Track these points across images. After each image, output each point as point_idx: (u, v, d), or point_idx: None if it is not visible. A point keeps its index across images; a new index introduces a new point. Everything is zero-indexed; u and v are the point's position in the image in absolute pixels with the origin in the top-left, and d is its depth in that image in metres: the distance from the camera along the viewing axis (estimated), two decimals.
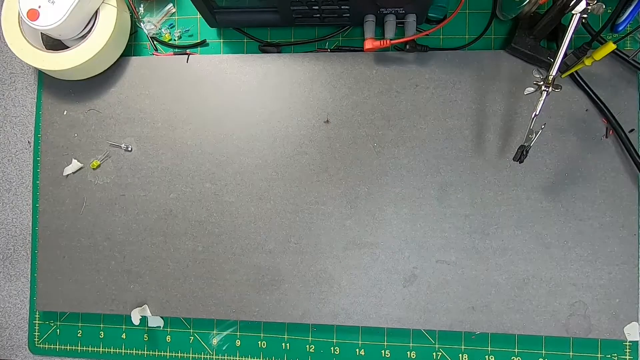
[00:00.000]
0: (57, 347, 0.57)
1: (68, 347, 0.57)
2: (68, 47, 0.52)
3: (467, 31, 0.53)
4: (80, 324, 0.57)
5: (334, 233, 0.52)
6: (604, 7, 0.41)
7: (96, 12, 0.52)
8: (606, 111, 0.49)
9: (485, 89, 0.51)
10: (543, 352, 0.50)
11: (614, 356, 0.50)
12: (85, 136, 0.56)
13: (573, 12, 0.41)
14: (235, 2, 0.49)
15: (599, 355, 0.50)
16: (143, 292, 0.54)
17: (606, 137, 0.50)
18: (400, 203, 0.51)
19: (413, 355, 0.52)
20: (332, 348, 0.53)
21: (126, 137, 0.55)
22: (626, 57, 0.48)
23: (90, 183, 0.55)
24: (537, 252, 0.50)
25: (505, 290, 0.50)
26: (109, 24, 0.51)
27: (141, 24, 0.56)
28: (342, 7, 0.48)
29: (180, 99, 0.54)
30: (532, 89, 0.50)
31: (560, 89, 0.44)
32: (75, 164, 0.55)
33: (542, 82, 0.44)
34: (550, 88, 0.43)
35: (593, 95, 0.49)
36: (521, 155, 0.45)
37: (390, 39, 0.50)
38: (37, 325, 0.58)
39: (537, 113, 0.44)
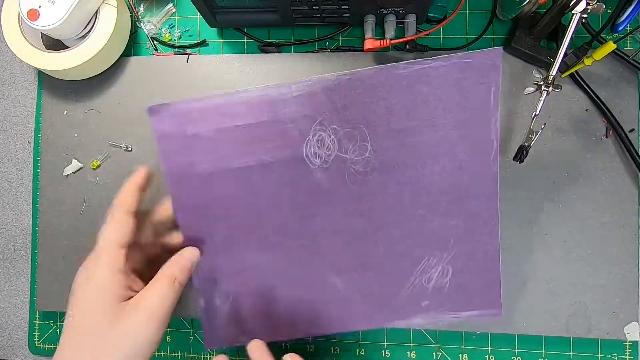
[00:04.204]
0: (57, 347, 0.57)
1: None
2: (68, 47, 0.52)
3: (467, 31, 0.53)
4: None
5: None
6: (604, 7, 0.41)
7: (96, 12, 0.52)
8: (606, 111, 0.49)
9: None
10: (543, 352, 0.50)
11: (614, 356, 0.50)
12: (85, 136, 0.56)
13: (573, 12, 0.42)
14: (235, 2, 0.49)
15: (599, 355, 0.50)
16: None
17: (606, 137, 0.50)
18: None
19: (413, 355, 0.52)
20: (332, 348, 0.53)
21: (126, 137, 0.55)
22: (626, 57, 0.48)
23: (91, 183, 0.55)
24: (537, 252, 0.50)
25: (505, 290, 0.50)
26: (109, 24, 0.51)
27: (141, 24, 0.56)
28: (342, 7, 0.48)
29: (180, 99, 0.54)
30: (532, 89, 0.50)
31: (560, 89, 0.44)
32: (75, 164, 0.55)
33: (542, 82, 0.44)
34: (550, 88, 0.43)
35: (593, 95, 0.49)
36: (521, 155, 0.45)
37: (391, 39, 0.50)
38: (37, 325, 0.58)
39: (537, 113, 0.44)
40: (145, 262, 0.45)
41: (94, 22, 0.52)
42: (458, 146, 0.44)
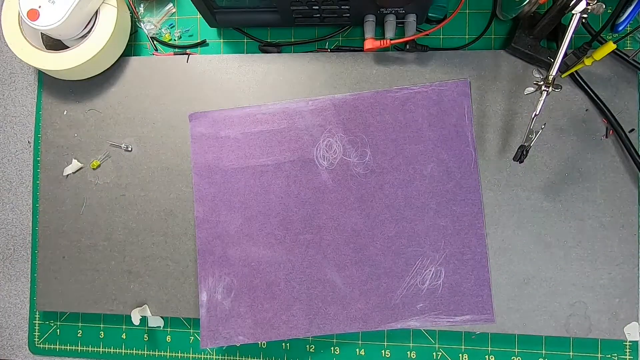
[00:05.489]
0: (57, 347, 0.57)
1: (68, 347, 0.57)
2: (68, 47, 0.52)
3: (467, 31, 0.53)
4: (80, 324, 0.57)
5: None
6: (604, 7, 0.41)
7: (96, 12, 0.52)
8: (606, 111, 0.49)
9: (485, 89, 0.51)
10: (543, 352, 0.50)
11: (614, 356, 0.50)
12: (85, 136, 0.56)
13: (573, 12, 0.42)
14: (235, 2, 0.49)
15: (599, 355, 0.50)
16: (143, 292, 0.54)
17: (606, 137, 0.50)
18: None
19: (413, 355, 0.52)
20: (332, 348, 0.53)
21: (126, 137, 0.55)
22: (626, 57, 0.48)
23: (90, 183, 0.55)
24: (537, 252, 0.50)
25: (505, 290, 0.50)
26: (109, 24, 0.51)
27: (141, 23, 0.56)
28: (342, 7, 0.48)
29: (180, 99, 0.54)
30: (532, 89, 0.50)
31: (560, 89, 0.44)
32: (75, 164, 0.55)
33: (542, 82, 0.44)
34: (550, 88, 0.43)
35: (593, 95, 0.49)
36: (521, 155, 0.45)
37: (390, 39, 0.50)
38: (37, 325, 0.58)
39: (537, 113, 0.44)
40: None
41: (94, 22, 0.52)
42: (443, 155, 0.51)
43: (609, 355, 0.50)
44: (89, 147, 0.56)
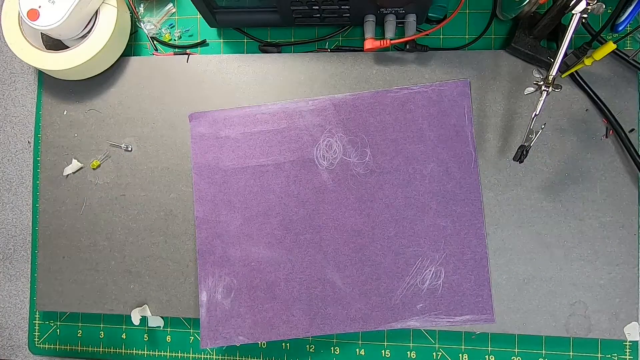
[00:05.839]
0: (57, 347, 0.57)
1: (68, 347, 0.57)
2: (68, 47, 0.52)
3: (467, 31, 0.53)
4: (80, 324, 0.57)
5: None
6: (604, 7, 0.41)
7: (96, 12, 0.52)
8: (606, 111, 0.49)
9: (485, 89, 0.51)
10: (543, 352, 0.50)
11: (614, 356, 0.50)
12: (85, 136, 0.56)
13: (573, 12, 0.42)
14: (235, 2, 0.49)
15: (599, 355, 0.50)
16: (143, 292, 0.54)
17: (606, 137, 0.50)
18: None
19: (413, 355, 0.52)
20: (332, 348, 0.53)
21: (126, 137, 0.55)
22: (626, 57, 0.48)
23: (90, 183, 0.55)
24: (537, 252, 0.50)
25: (505, 290, 0.50)
26: (109, 24, 0.51)
27: (141, 24, 0.56)
28: (342, 7, 0.48)
29: (180, 99, 0.54)
30: (532, 89, 0.50)
31: (560, 89, 0.44)
32: (75, 164, 0.55)
33: (542, 82, 0.44)
34: (550, 88, 0.43)
35: (593, 95, 0.49)
36: (521, 155, 0.45)
37: (390, 39, 0.50)
38: (37, 325, 0.58)
39: (537, 113, 0.44)
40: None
41: (94, 22, 0.52)
42: (443, 155, 0.51)
43: (609, 355, 0.50)
44: (89, 147, 0.56)
